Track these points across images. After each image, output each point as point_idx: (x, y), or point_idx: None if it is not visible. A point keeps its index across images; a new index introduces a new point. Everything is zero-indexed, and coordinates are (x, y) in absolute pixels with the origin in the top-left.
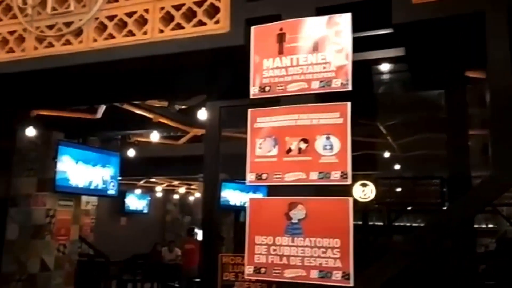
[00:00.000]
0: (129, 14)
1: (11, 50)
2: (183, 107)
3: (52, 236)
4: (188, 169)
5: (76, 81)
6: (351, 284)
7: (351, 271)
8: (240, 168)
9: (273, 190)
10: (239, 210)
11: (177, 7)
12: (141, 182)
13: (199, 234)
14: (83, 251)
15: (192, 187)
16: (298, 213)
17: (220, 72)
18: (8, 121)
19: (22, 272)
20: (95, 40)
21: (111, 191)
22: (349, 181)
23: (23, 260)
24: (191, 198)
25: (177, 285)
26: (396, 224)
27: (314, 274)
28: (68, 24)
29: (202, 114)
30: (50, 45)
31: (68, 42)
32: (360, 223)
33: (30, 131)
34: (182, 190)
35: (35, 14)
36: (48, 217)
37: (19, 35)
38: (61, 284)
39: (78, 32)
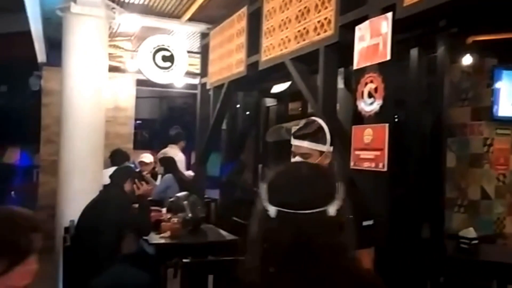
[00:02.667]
0: None
1: None
2: None
3: (490, 165)
4: None
5: None
6: None
7: None
8: None
9: None
10: None
11: None
12: None
13: None
14: None
15: None
16: None
17: None
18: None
19: (463, 198)
20: None
21: None
22: None
23: (463, 187)
24: None
25: None
26: None
27: None
28: None
29: None
30: None
31: None
32: None
33: (466, 60)
34: None
35: None
36: (486, 146)
37: None
38: (503, 213)
39: None
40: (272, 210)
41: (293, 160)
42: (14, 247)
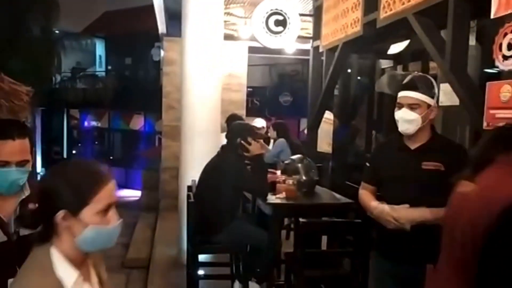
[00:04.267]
0: None
1: None
2: None
3: None
4: None
5: None
6: None
7: None
8: None
9: None
10: None
11: None
12: None
13: None
14: None
15: None
16: None
17: None
18: None
19: None
20: None
21: None
22: None
23: None
24: None
25: None
26: None
27: None
28: None
29: None
30: None
31: None
32: None
33: None
34: None
35: None
36: None
37: None
38: None
39: None
40: None
41: (398, 112)
42: None
